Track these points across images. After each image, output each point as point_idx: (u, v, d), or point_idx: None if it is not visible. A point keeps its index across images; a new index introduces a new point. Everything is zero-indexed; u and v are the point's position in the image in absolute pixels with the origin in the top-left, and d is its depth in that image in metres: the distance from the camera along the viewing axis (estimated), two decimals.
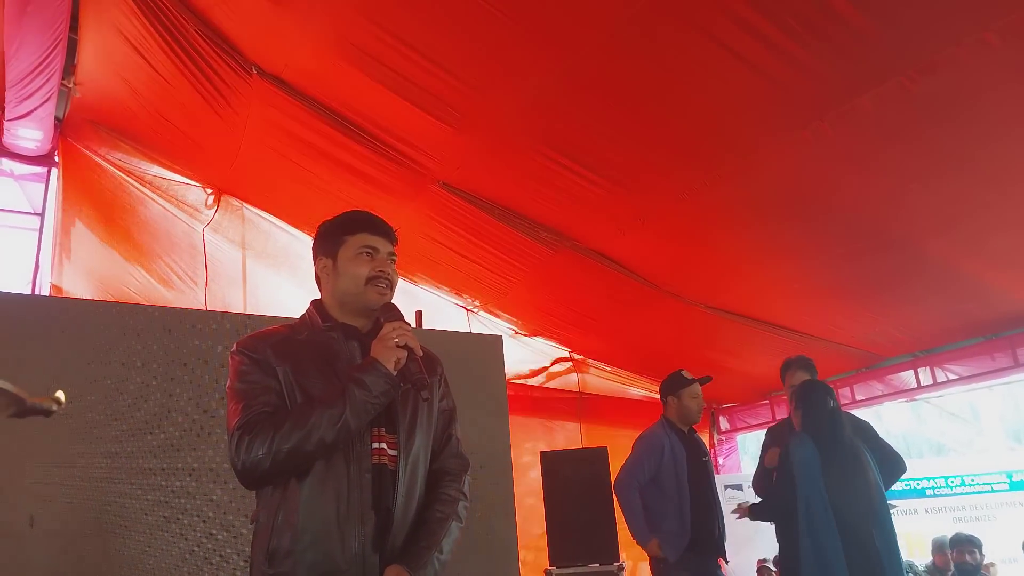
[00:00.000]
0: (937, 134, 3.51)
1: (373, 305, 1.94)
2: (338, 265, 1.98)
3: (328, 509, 1.75)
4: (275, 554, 1.74)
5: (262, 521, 1.80)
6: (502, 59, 3.73)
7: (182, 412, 3.43)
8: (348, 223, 2.03)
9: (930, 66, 3.11)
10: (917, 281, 4.72)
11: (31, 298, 4.75)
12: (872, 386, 6.10)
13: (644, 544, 4.15)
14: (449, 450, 2.01)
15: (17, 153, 5.77)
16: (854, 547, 3.50)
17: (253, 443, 1.71)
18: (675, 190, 4.32)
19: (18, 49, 4.63)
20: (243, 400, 1.79)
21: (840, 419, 3.80)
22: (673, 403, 4.38)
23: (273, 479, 1.77)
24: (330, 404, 1.73)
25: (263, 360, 1.86)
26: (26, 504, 3.06)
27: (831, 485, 3.60)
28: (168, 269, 5.97)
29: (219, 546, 3.30)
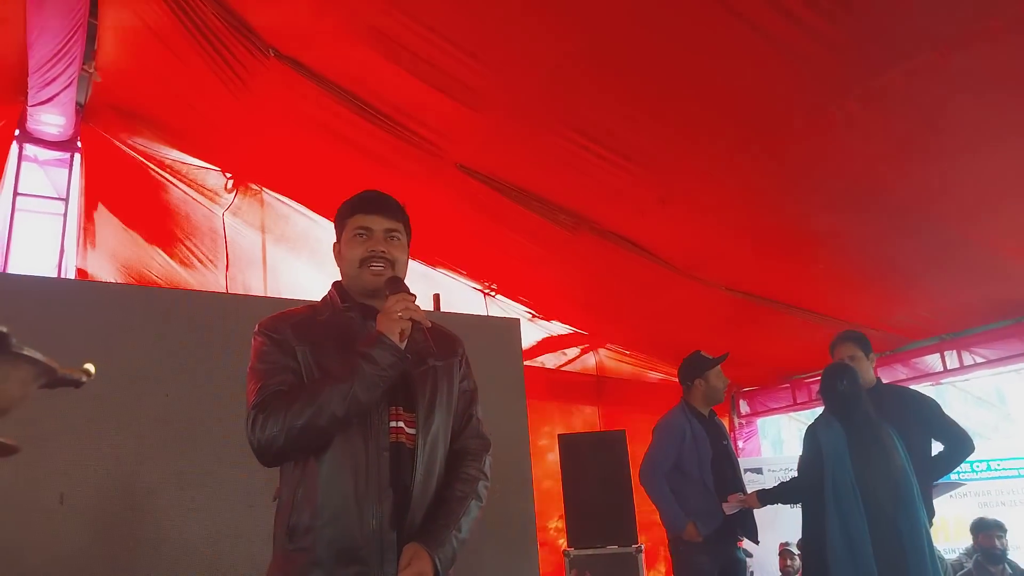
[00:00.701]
0: (969, 111, 3.43)
1: (370, 287, 1.94)
2: (341, 249, 2.02)
3: (346, 486, 1.77)
4: (295, 530, 1.77)
5: (283, 498, 1.84)
6: (521, 38, 3.71)
7: (206, 393, 3.48)
8: (347, 206, 2.05)
9: (963, 40, 3.02)
10: (945, 262, 4.65)
11: (57, 281, 4.81)
12: (896, 369, 6.03)
13: (680, 529, 4.10)
14: (470, 430, 2.02)
15: (40, 139, 5.82)
16: (878, 530, 3.48)
17: (267, 421, 1.73)
18: (697, 171, 4.28)
19: (39, 35, 4.66)
20: (260, 380, 1.82)
21: (857, 402, 3.75)
22: (700, 385, 4.35)
23: (289, 456, 1.80)
24: (339, 379, 1.74)
25: (282, 340, 1.88)
26: (56, 482, 3.13)
27: (859, 467, 3.58)
28: (189, 253, 6.02)
29: (243, 523, 3.35)
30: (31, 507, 3.07)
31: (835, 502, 3.60)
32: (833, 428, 3.71)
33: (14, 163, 5.69)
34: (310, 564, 1.74)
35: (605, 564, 5.03)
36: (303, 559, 1.75)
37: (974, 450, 3.92)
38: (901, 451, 3.62)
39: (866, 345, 4.03)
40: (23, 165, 5.75)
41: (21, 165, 5.74)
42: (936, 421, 3.87)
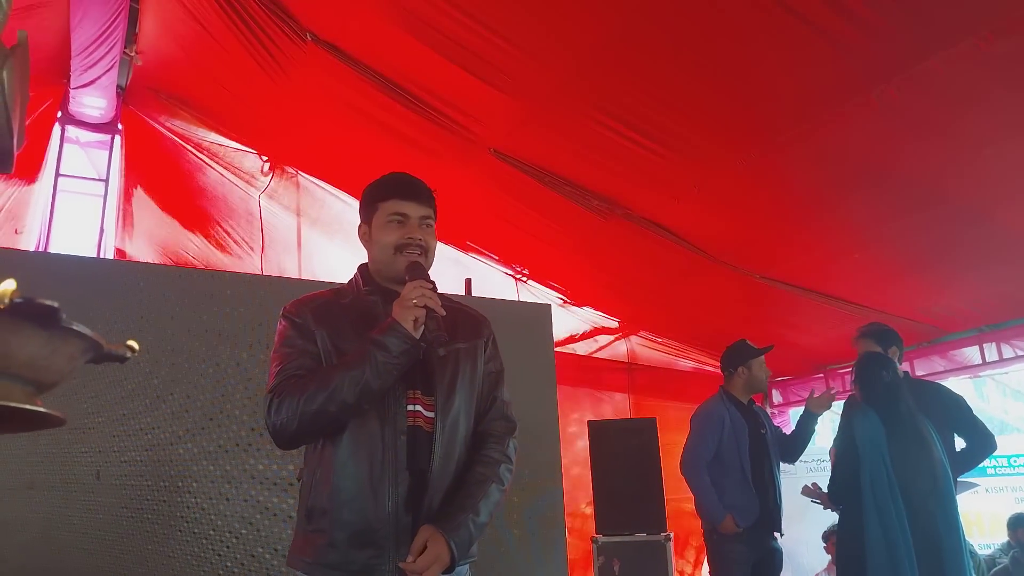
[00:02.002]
0: (1012, 97, 3.34)
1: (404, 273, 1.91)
2: (372, 232, 1.98)
3: (362, 470, 1.78)
4: (312, 512, 1.80)
5: (304, 480, 1.87)
6: (555, 23, 3.69)
7: (240, 373, 3.53)
8: (380, 189, 2.01)
9: (1006, 26, 2.94)
10: (985, 252, 4.55)
11: (96, 261, 4.90)
12: (934, 361, 5.92)
13: (718, 521, 4.09)
14: (494, 412, 2.00)
15: (82, 121, 5.92)
16: (915, 525, 3.44)
17: (281, 406, 1.75)
18: (732, 157, 4.24)
19: (82, 19, 4.74)
20: (280, 364, 1.84)
21: (899, 393, 3.69)
22: (743, 373, 4.34)
23: (303, 440, 1.84)
24: (351, 366, 1.75)
25: (303, 324, 1.89)
26: (93, 459, 3.20)
27: (897, 460, 3.53)
28: (225, 235, 6.10)
29: (274, 502, 3.41)
30: (69, 483, 3.14)
31: (872, 495, 3.55)
32: (870, 419, 3.65)
33: (56, 144, 5.80)
34: (326, 546, 1.77)
35: (633, 551, 5.03)
36: (320, 540, 1.77)
37: (996, 449, 3.90)
38: (939, 444, 3.57)
39: (887, 339, 3.98)
40: (65, 147, 5.86)
41: (63, 147, 5.84)
42: (962, 417, 3.84)
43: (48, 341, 0.71)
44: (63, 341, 0.73)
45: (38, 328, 0.70)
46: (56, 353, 0.73)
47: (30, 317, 0.68)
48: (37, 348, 0.70)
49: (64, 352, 0.74)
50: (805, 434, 4.43)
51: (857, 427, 3.68)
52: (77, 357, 0.76)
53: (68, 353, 0.74)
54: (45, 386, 0.74)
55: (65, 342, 0.74)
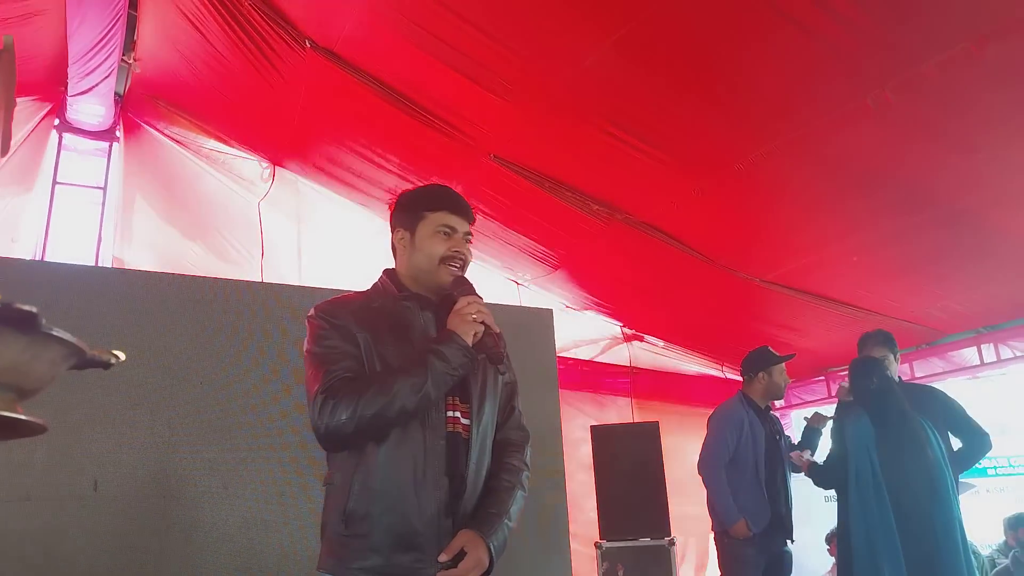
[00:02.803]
0: (1005, 102, 3.37)
1: (445, 284, 1.96)
2: (415, 240, 1.99)
3: (405, 474, 1.79)
4: (351, 516, 1.78)
5: (337, 483, 1.84)
6: (554, 29, 3.69)
7: (240, 381, 3.51)
8: (430, 199, 2.03)
9: (998, 31, 2.97)
10: (982, 255, 4.56)
11: (93, 269, 4.89)
12: (933, 363, 5.93)
13: (731, 524, 4.10)
14: (512, 421, 2.07)
15: (80, 128, 5.91)
16: (912, 526, 3.44)
17: (337, 407, 1.74)
18: (731, 162, 4.23)
19: (80, 25, 4.73)
20: (324, 364, 1.82)
21: (888, 396, 3.71)
22: (763, 379, 4.36)
23: (354, 443, 1.81)
24: (411, 373, 1.77)
25: (343, 326, 1.88)
26: (90, 469, 3.18)
27: (886, 463, 3.55)
28: (225, 242, 6.09)
29: (274, 511, 3.38)
30: (65, 493, 3.12)
31: (857, 495, 3.59)
32: (861, 422, 3.70)
33: (53, 152, 5.79)
34: (367, 550, 1.76)
35: (637, 556, 5.01)
36: (360, 545, 1.77)
37: (991, 448, 3.93)
38: (936, 445, 3.59)
39: (894, 345, 4.04)
40: (62, 154, 5.84)
41: (60, 154, 5.83)
42: (957, 419, 3.88)
43: (28, 346, 0.70)
44: (44, 347, 0.72)
45: (18, 333, 0.69)
46: (37, 359, 0.71)
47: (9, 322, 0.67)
48: (17, 354, 0.69)
49: (45, 358, 0.72)
50: (810, 447, 4.47)
51: (848, 428, 3.73)
52: (59, 363, 0.74)
53: (49, 359, 0.73)
54: (26, 392, 0.72)
55: (46, 348, 0.72)
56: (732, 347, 4.61)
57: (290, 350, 3.60)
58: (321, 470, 3.42)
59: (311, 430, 1.81)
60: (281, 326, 3.66)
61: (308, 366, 1.86)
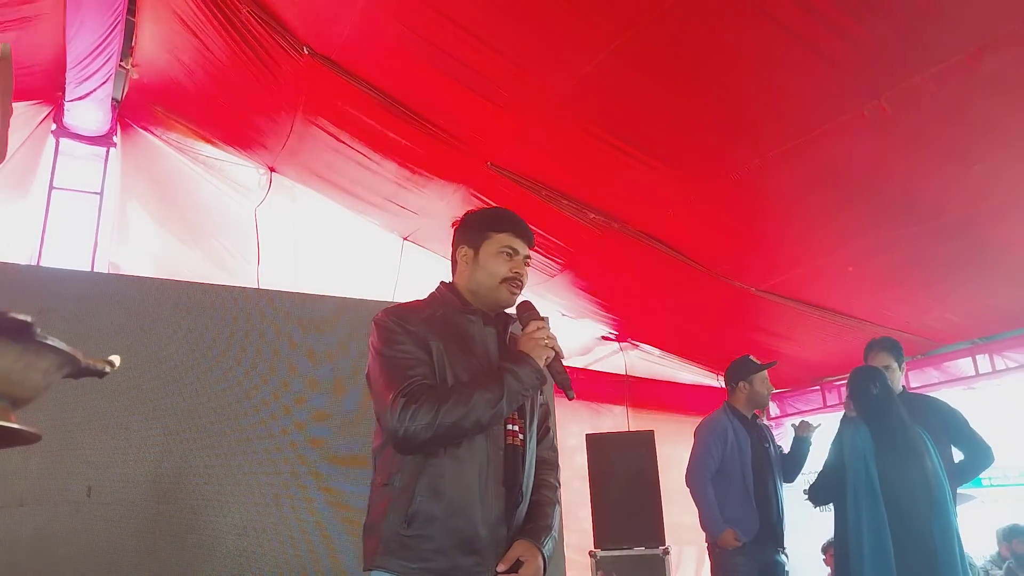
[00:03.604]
0: (1000, 113, 3.38)
1: (503, 303, 2.08)
2: (479, 258, 2.09)
3: (470, 481, 1.86)
4: (416, 517, 1.83)
5: (398, 485, 1.87)
6: (551, 38, 3.70)
7: (235, 388, 3.51)
8: (496, 220, 2.14)
9: (994, 43, 2.99)
10: (977, 265, 4.56)
11: (89, 275, 4.88)
12: (928, 373, 5.94)
13: (718, 535, 4.12)
14: (547, 441, 2.19)
15: (77, 133, 5.91)
16: (910, 537, 3.44)
17: (418, 413, 1.79)
18: (728, 171, 4.24)
19: (78, 31, 4.73)
20: (400, 368, 1.88)
21: (888, 406, 3.71)
22: (744, 388, 4.37)
23: (428, 449, 1.85)
24: (488, 388, 1.85)
25: (416, 332, 1.95)
26: (84, 475, 3.18)
27: (885, 473, 3.55)
28: (221, 248, 6.08)
29: (269, 517, 3.38)
30: (59, 499, 3.12)
31: (854, 506, 3.59)
32: (860, 432, 3.69)
33: (50, 157, 5.78)
34: (432, 551, 1.82)
35: (632, 566, 5.00)
36: (425, 546, 1.82)
37: (993, 461, 3.92)
38: (934, 455, 3.59)
39: (900, 355, 4.04)
40: (59, 159, 5.83)
41: (57, 159, 5.82)
42: (959, 430, 3.88)
43: (22, 355, 0.70)
44: (37, 355, 0.72)
45: (11, 342, 0.69)
46: (30, 368, 0.71)
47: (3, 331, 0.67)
48: (10, 363, 0.69)
49: (38, 367, 0.72)
50: (800, 454, 4.49)
51: (846, 439, 3.73)
52: (53, 372, 0.74)
53: (43, 368, 0.73)
54: (20, 401, 0.72)
55: (39, 356, 0.72)
56: (728, 356, 4.61)
57: (285, 356, 3.60)
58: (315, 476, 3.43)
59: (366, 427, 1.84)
60: (277, 332, 3.66)
61: (381, 368, 1.91)
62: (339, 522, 3.41)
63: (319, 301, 3.83)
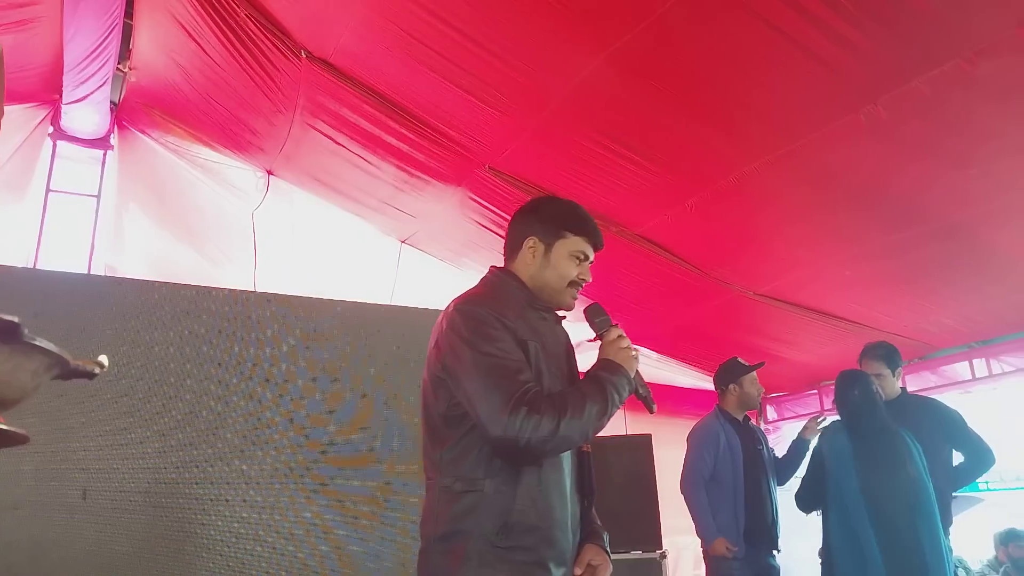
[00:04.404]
0: (996, 118, 3.38)
1: (564, 307, 2.04)
2: (550, 256, 2.02)
3: (561, 489, 1.82)
4: (514, 528, 1.72)
5: (489, 491, 1.75)
6: (549, 42, 3.70)
7: (232, 391, 3.50)
8: (575, 221, 2.08)
9: (991, 48, 2.99)
10: (973, 269, 4.57)
11: (86, 277, 4.88)
12: (925, 377, 5.94)
13: (709, 543, 4.13)
14: None
15: (74, 136, 5.91)
16: (893, 540, 3.45)
17: (541, 423, 1.69)
18: (725, 175, 4.24)
19: (75, 34, 4.74)
20: (509, 371, 1.75)
21: (868, 412, 3.71)
22: (734, 391, 4.38)
23: (541, 460, 1.77)
24: (595, 399, 1.78)
25: (514, 329, 1.83)
26: (80, 478, 3.16)
27: (866, 477, 3.56)
28: (218, 251, 6.08)
29: (265, 522, 3.37)
30: (54, 503, 3.10)
31: (837, 511, 3.61)
32: (839, 437, 3.72)
33: (47, 160, 5.78)
34: (533, 565, 1.73)
35: (629, 570, 4.98)
36: (525, 558, 1.73)
37: (994, 463, 3.92)
38: (918, 460, 3.58)
39: (894, 361, 4.03)
40: (56, 162, 5.83)
41: (54, 162, 5.82)
42: (958, 432, 3.88)
43: (9, 356, 0.69)
44: (26, 356, 0.71)
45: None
46: (19, 369, 0.71)
47: None
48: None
49: (27, 368, 0.72)
50: (797, 458, 4.50)
51: (825, 443, 3.76)
52: (41, 373, 0.74)
53: (31, 369, 0.72)
54: (8, 402, 0.72)
55: (28, 358, 0.72)
56: (725, 360, 4.62)
57: (283, 360, 3.59)
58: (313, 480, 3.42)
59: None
60: (274, 336, 3.65)
61: (483, 368, 1.76)
62: (336, 527, 3.40)
63: (317, 305, 3.82)
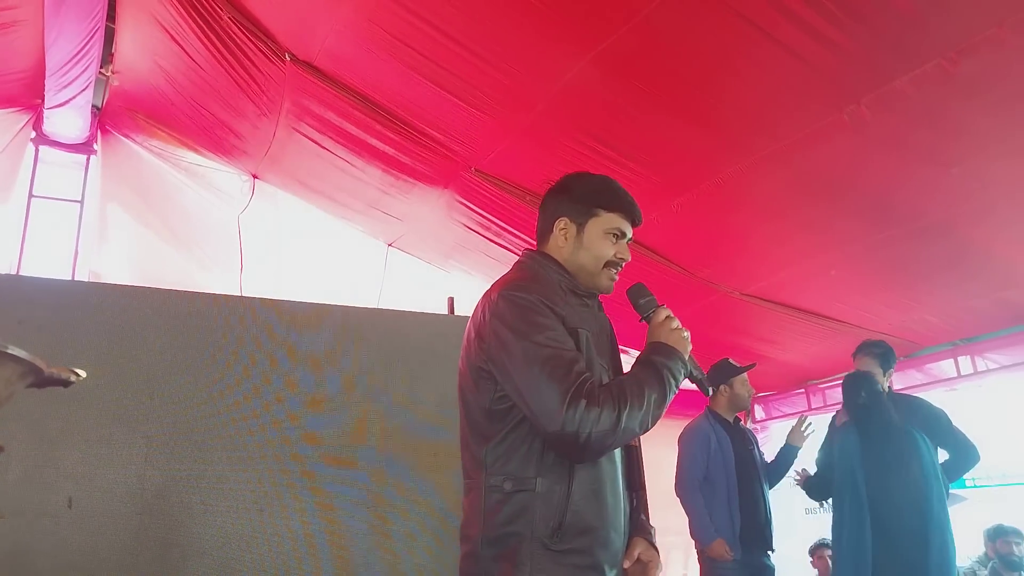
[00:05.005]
0: (978, 117, 3.41)
1: (602, 290, 1.92)
2: (583, 237, 1.91)
3: (616, 486, 1.72)
4: (568, 529, 1.61)
5: (541, 491, 1.64)
6: (535, 44, 3.70)
7: (218, 396, 3.46)
8: (608, 197, 1.95)
9: (971, 47, 3.02)
10: (957, 268, 4.60)
11: (70, 283, 4.83)
12: (910, 375, 5.97)
13: (707, 544, 4.12)
14: None
15: (57, 141, 5.86)
16: (899, 537, 3.49)
17: (602, 415, 1.58)
18: (710, 175, 4.26)
19: (57, 38, 4.70)
20: (563, 361, 1.64)
21: (875, 411, 3.76)
22: (725, 392, 4.39)
23: (602, 454, 1.67)
24: (652, 386, 1.69)
25: (564, 317, 1.74)
26: (65, 485, 3.12)
27: (873, 475, 3.60)
28: (204, 256, 6.05)
29: (253, 527, 3.34)
30: (39, 511, 3.05)
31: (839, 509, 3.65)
32: (850, 436, 3.74)
33: (29, 165, 5.73)
34: (588, 568, 1.63)
35: None
36: (580, 561, 1.62)
37: (979, 460, 3.96)
38: (927, 459, 3.64)
39: (887, 359, 4.06)
40: (38, 167, 5.79)
41: (37, 167, 5.77)
42: (944, 430, 3.91)
43: None
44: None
45: None
46: None
47: None
48: None
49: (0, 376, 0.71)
50: (786, 463, 4.52)
51: (836, 441, 3.78)
52: (15, 381, 0.73)
53: (4, 377, 0.71)
54: None
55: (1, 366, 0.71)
56: (713, 360, 4.63)
57: (269, 364, 3.57)
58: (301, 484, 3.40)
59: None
60: (260, 340, 3.62)
61: (535, 358, 1.64)
62: (325, 531, 3.38)
63: (303, 308, 3.80)
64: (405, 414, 3.65)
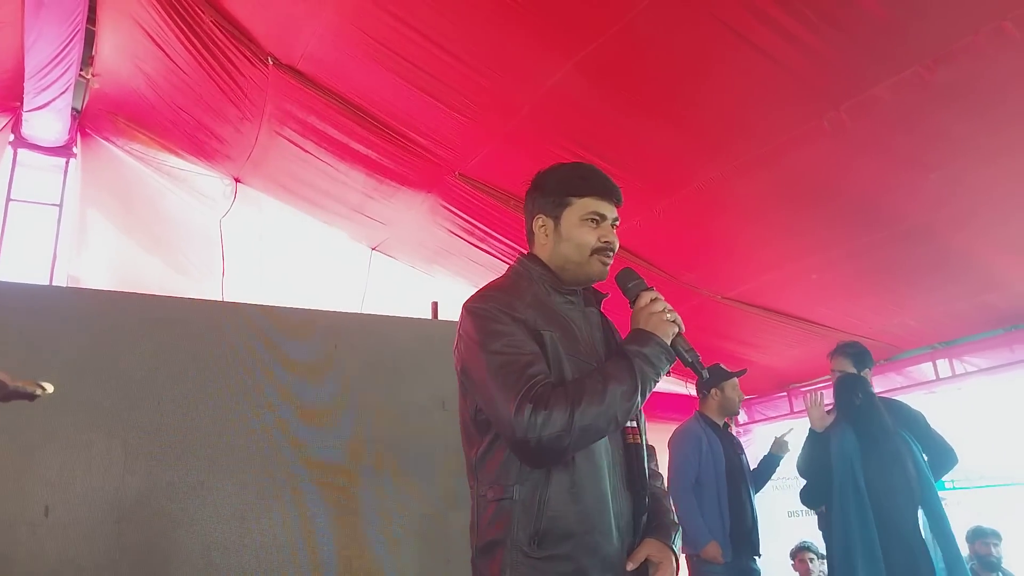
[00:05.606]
0: (955, 123, 3.46)
1: (595, 277, 1.85)
2: (561, 229, 1.85)
3: (602, 487, 1.65)
4: (547, 535, 1.59)
5: (519, 498, 1.62)
6: (518, 49, 3.71)
7: (199, 403, 3.43)
8: (575, 183, 1.89)
9: (948, 55, 3.07)
10: (936, 272, 4.65)
11: (49, 289, 4.79)
12: (890, 378, 6.02)
13: (701, 546, 4.10)
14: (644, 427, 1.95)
15: (36, 144, 5.81)
16: (895, 538, 3.52)
17: (551, 418, 1.54)
18: (691, 180, 4.28)
19: (36, 40, 4.66)
20: (516, 367, 1.61)
21: (871, 412, 3.79)
22: (716, 396, 4.40)
23: (563, 458, 1.61)
24: (619, 380, 1.62)
25: (525, 321, 1.69)
26: (41, 493, 3.08)
27: (869, 476, 3.63)
28: (185, 260, 6.00)
29: (234, 535, 3.31)
30: (15, 520, 3.01)
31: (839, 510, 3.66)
32: (847, 436, 3.76)
33: (8, 168, 5.67)
34: (572, 574, 1.59)
35: None
36: (563, 568, 1.59)
37: (957, 462, 4.00)
38: (918, 457, 3.69)
39: (863, 361, 4.09)
40: (16, 170, 5.73)
41: (15, 170, 5.71)
42: (922, 432, 3.94)
43: None
44: None
45: None
46: None
47: None
48: None
49: None
50: (768, 471, 4.55)
51: (834, 443, 3.80)
52: None
53: None
54: None
55: None
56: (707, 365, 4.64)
57: (251, 369, 3.55)
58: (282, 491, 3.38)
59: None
60: (242, 345, 3.60)
61: (492, 368, 1.63)
62: (308, 537, 3.36)
63: (286, 313, 3.77)
64: (388, 419, 3.64)
